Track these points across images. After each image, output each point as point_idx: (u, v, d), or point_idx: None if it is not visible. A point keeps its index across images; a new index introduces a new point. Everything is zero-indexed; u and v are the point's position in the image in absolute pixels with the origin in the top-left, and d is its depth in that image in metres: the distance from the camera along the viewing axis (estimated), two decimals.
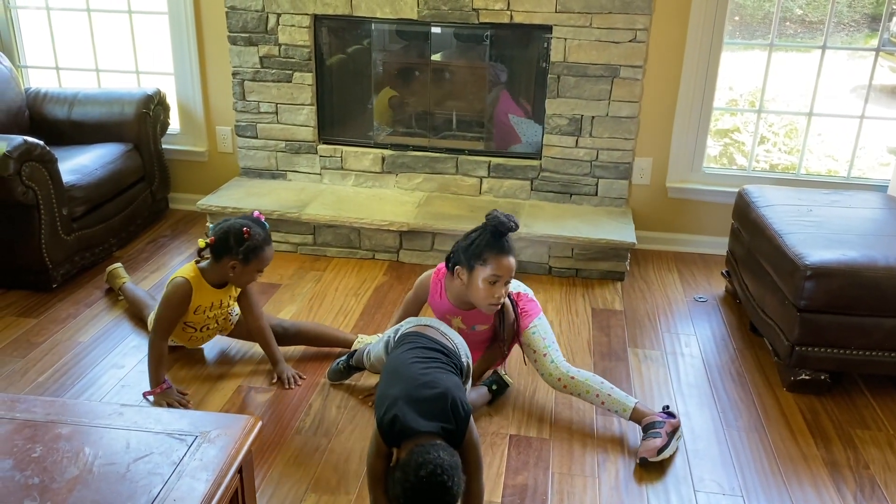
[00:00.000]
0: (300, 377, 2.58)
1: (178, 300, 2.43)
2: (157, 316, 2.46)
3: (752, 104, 4.06)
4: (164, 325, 2.44)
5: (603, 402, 2.33)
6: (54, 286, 3.10)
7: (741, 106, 4.03)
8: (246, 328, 2.65)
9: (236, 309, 2.64)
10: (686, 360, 2.77)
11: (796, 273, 2.45)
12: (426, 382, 1.85)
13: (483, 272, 2.17)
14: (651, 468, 2.19)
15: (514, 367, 2.67)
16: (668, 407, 2.31)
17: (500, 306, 2.24)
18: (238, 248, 2.38)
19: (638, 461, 2.21)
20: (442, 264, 2.37)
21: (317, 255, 3.56)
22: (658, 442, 2.20)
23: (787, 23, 3.61)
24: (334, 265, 3.47)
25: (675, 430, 2.26)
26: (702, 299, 3.22)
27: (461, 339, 2.17)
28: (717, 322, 3.05)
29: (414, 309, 2.46)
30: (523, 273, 3.39)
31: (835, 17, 3.35)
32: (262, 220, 2.48)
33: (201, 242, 2.43)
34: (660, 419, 2.26)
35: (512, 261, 2.18)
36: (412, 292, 2.47)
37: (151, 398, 2.42)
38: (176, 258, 3.46)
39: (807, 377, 2.52)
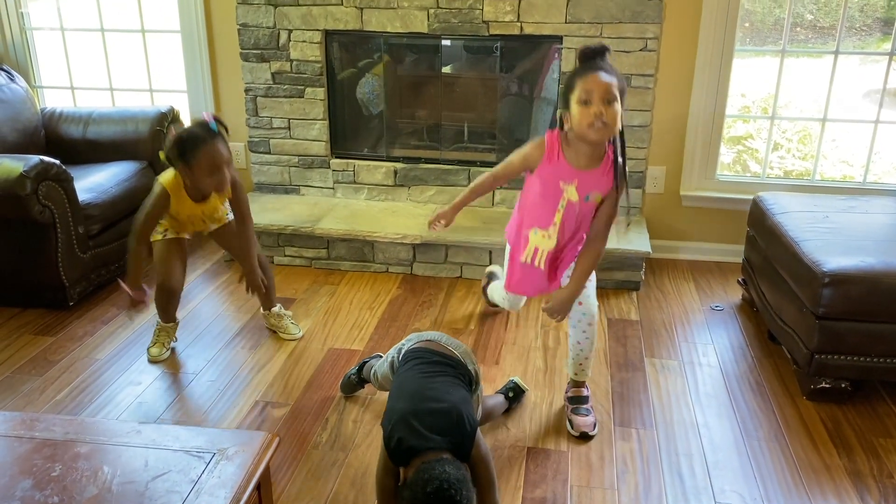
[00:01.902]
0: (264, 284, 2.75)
1: (156, 210, 2.51)
2: (136, 221, 2.54)
3: (765, 111, 4.04)
4: (141, 230, 2.53)
5: (577, 354, 2.42)
6: (71, 304, 3.12)
7: (754, 112, 4.01)
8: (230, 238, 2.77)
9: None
10: (704, 369, 2.75)
11: (814, 280, 2.42)
12: (433, 397, 1.85)
13: (575, 98, 1.99)
14: (673, 480, 2.17)
15: (530, 376, 2.66)
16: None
17: (604, 126, 1.97)
18: (179, 158, 2.36)
19: (577, 435, 2.37)
20: (551, 130, 2.16)
21: (331, 268, 3.57)
22: (591, 419, 2.40)
23: (798, 28, 3.59)
24: (348, 279, 3.48)
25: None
26: (718, 308, 3.20)
27: (466, 347, 2.15)
28: (735, 331, 3.03)
29: (513, 170, 2.21)
30: None
31: (846, 22, 3.34)
32: (210, 119, 2.38)
33: (161, 155, 2.48)
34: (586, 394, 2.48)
35: (602, 76, 1.96)
36: (520, 156, 2.17)
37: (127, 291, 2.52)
38: (190, 275, 3.47)
39: (827, 385, 2.50)
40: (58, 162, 3.00)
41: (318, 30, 3.57)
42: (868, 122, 3.45)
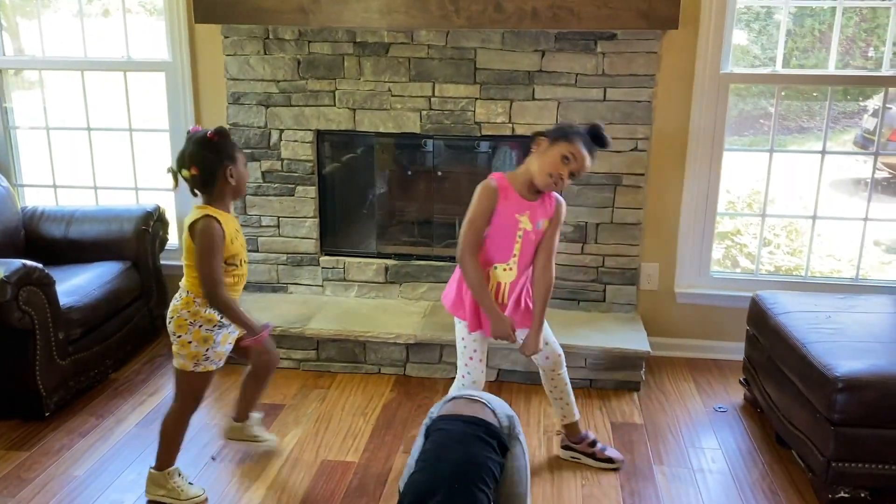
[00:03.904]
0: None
1: (219, 238, 2.27)
2: (207, 269, 2.25)
3: (751, 206, 4.09)
4: (218, 271, 2.26)
5: (557, 401, 2.66)
6: (47, 414, 2.94)
7: (740, 207, 4.06)
8: None
9: None
10: (715, 476, 2.65)
11: (826, 385, 2.37)
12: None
13: (562, 148, 2.30)
14: None
15: (538, 489, 2.53)
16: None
17: (554, 186, 2.34)
18: (222, 154, 2.31)
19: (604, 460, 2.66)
20: (492, 174, 2.42)
21: (320, 370, 3.44)
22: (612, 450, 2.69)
23: (784, 121, 3.68)
24: (339, 381, 3.35)
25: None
26: (722, 409, 3.12)
27: (500, 402, 2.05)
28: (741, 433, 2.94)
29: (482, 230, 2.37)
30: (537, 385, 3.29)
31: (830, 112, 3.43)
32: (199, 127, 2.39)
33: (185, 174, 2.30)
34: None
35: (588, 160, 2.34)
36: (478, 206, 2.36)
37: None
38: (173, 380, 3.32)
39: (846, 495, 2.40)
40: (40, 266, 2.89)
41: (310, 129, 3.56)
42: (857, 220, 3.49)
